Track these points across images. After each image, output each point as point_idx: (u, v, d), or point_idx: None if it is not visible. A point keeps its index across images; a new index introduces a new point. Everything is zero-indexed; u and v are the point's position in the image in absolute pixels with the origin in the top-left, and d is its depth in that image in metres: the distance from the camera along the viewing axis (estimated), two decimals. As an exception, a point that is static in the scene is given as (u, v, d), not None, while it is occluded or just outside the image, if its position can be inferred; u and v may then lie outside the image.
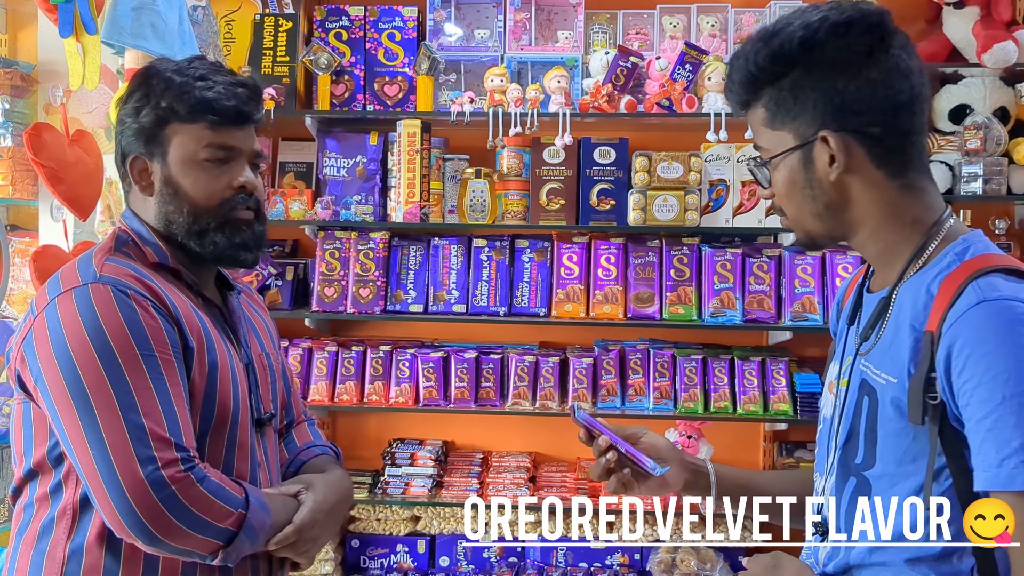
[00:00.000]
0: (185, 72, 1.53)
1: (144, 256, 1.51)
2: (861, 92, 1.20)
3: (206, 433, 1.47)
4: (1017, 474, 1.05)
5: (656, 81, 2.98)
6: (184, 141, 1.51)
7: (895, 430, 1.20)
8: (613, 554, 3.19)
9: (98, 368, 1.36)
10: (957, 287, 1.14)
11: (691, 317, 3.03)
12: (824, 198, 1.25)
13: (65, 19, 2.26)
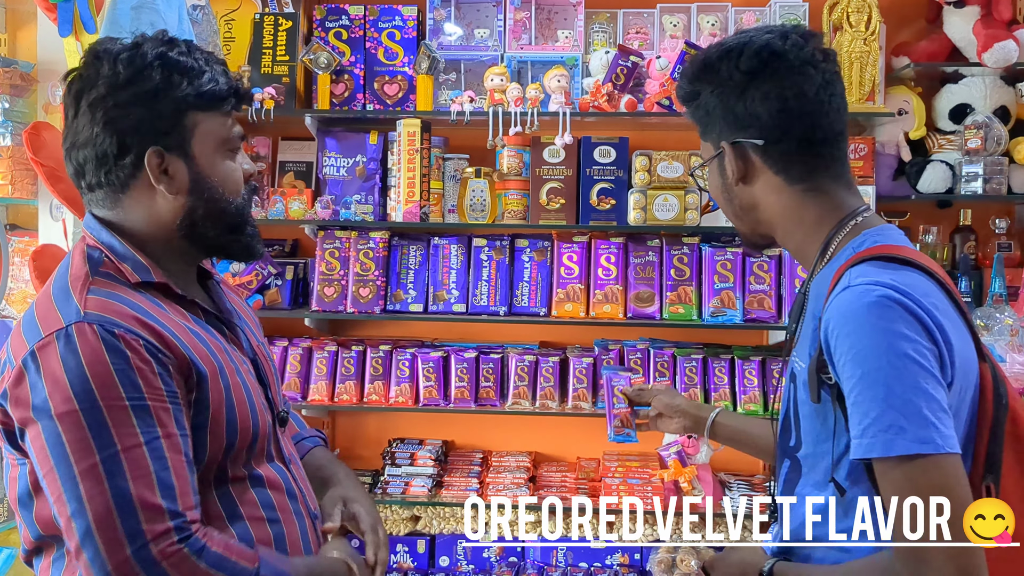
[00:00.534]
0: (192, 55, 1.38)
1: (124, 275, 1.34)
2: (750, 108, 1.34)
3: (231, 451, 1.36)
4: (876, 443, 1.15)
5: (656, 80, 2.98)
6: (210, 130, 1.39)
7: (809, 412, 1.30)
8: (613, 554, 3.19)
9: (83, 429, 1.21)
10: (839, 276, 1.27)
11: (691, 317, 3.02)
12: (737, 201, 1.43)
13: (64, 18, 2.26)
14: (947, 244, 3.15)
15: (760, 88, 1.34)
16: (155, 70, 1.34)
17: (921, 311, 1.18)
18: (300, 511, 1.47)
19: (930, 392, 1.15)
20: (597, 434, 3.33)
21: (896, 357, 1.16)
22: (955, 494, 1.13)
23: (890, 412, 1.14)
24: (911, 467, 1.13)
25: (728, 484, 3.10)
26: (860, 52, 2.91)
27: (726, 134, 1.39)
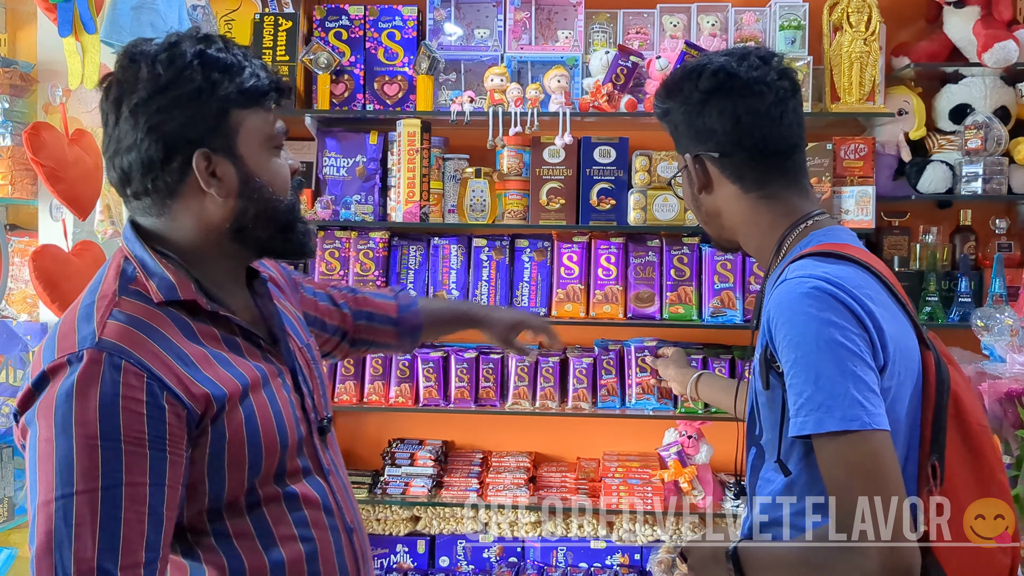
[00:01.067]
0: (231, 51, 1.34)
1: (150, 293, 1.30)
2: (708, 123, 1.47)
3: (256, 474, 1.33)
4: (808, 421, 1.24)
5: (656, 80, 2.98)
6: (255, 128, 1.34)
7: (764, 400, 1.39)
8: (613, 554, 3.19)
9: (50, 463, 1.17)
10: (782, 272, 1.38)
11: (691, 317, 3.02)
12: (703, 208, 1.56)
13: (64, 18, 2.25)
14: (947, 244, 3.15)
15: (716, 106, 1.46)
16: (195, 70, 1.28)
17: (851, 300, 1.28)
18: (336, 526, 1.44)
19: (858, 374, 1.24)
20: (597, 434, 3.34)
21: (825, 343, 1.25)
22: (882, 465, 1.21)
23: (820, 393, 1.24)
24: (841, 442, 1.22)
25: (728, 484, 3.10)
26: (860, 52, 2.91)
27: (690, 147, 1.52)
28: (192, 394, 1.24)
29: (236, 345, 1.36)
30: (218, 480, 1.29)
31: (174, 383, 1.23)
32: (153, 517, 1.19)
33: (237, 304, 1.42)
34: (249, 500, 1.33)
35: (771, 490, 1.40)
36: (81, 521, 1.15)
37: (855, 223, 2.88)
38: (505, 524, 3.18)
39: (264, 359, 1.39)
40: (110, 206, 2.52)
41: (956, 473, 1.31)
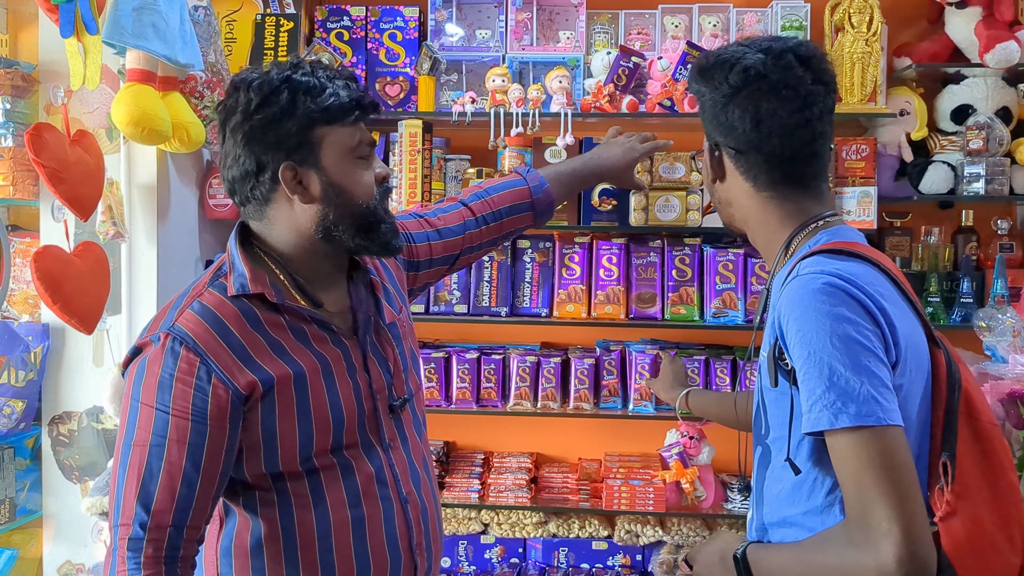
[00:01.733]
0: (315, 74, 1.54)
1: (229, 287, 1.52)
2: (730, 118, 1.45)
3: (310, 447, 1.52)
4: (822, 417, 1.23)
5: (658, 81, 2.98)
6: (337, 141, 1.54)
7: (772, 398, 1.39)
8: (615, 555, 3.19)
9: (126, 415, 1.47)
10: (792, 269, 1.38)
11: (693, 317, 3.02)
12: (716, 195, 1.57)
13: (66, 19, 2.25)
14: (949, 245, 3.15)
15: (741, 104, 1.44)
16: (281, 93, 1.49)
17: (864, 296, 1.27)
18: (388, 496, 1.59)
19: (871, 369, 1.23)
20: (599, 435, 3.34)
21: (838, 338, 1.25)
22: (897, 461, 1.20)
23: (834, 389, 1.23)
24: (855, 438, 1.21)
25: (730, 485, 3.10)
26: (862, 53, 2.91)
27: (711, 134, 1.51)
28: (239, 377, 1.46)
29: (303, 333, 1.55)
30: (272, 448, 1.50)
31: (223, 368, 1.46)
32: (187, 477, 1.43)
33: (330, 297, 1.61)
34: (306, 468, 1.52)
35: (780, 489, 1.39)
36: (131, 466, 1.43)
37: (857, 224, 2.88)
38: (507, 525, 3.18)
39: (335, 343, 1.58)
40: (111, 207, 2.52)
41: (967, 471, 1.30)
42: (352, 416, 1.57)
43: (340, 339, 1.59)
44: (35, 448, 2.72)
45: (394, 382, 1.66)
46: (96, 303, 2.44)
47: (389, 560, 1.58)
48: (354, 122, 1.56)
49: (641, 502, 3.00)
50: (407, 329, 1.76)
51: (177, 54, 2.45)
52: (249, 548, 1.54)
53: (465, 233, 2.00)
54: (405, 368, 1.70)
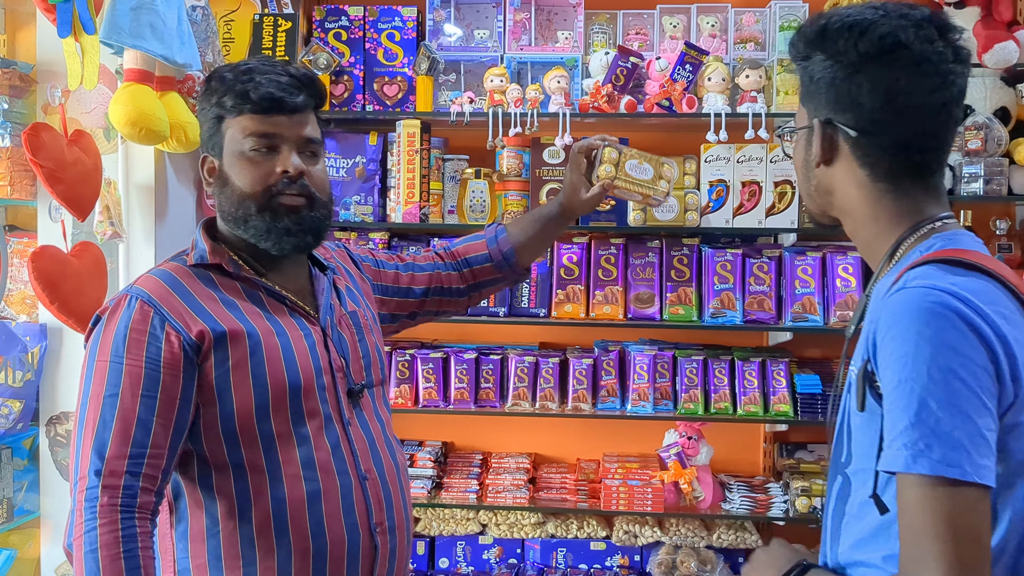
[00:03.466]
0: (237, 69, 1.62)
1: (189, 259, 1.64)
2: (854, 92, 1.25)
3: (266, 407, 1.56)
4: (899, 456, 1.07)
5: (656, 81, 2.97)
6: (233, 134, 1.61)
7: (859, 423, 1.21)
8: (613, 555, 3.18)
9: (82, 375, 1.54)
10: (899, 277, 1.19)
11: (691, 318, 3.02)
12: (814, 180, 1.35)
13: (63, 19, 2.25)
14: (947, 245, 3.14)
15: (871, 75, 1.24)
16: (210, 87, 1.64)
17: (981, 321, 1.09)
18: (347, 470, 1.62)
19: (970, 414, 1.06)
20: (597, 435, 3.33)
21: (939, 370, 1.07)
22: (970, 530, 1.04)
23: (920, 427, 1.06)
24: (929, 489, 1.05)
25: (728, 485, 3.10)
26: (860, 53, 2.91)
27: (822, 110, 1.30)
28: (190, 325, 1.54)
29: (259, 299, 1.64)
30: (226, 402, 1.55)
31: (175, 316, 1.53)
32: (141, 421, 1.48)
33: (286, 281, 1.69)
34: (262, 431, 1.56)
35: (861, 528, 1.22)
36: (87, 422, 1.48)
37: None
38: (505, 525, 3.18)
39: (290, 316, 1.65)
40: (109, 207, 2.51)
41: None
42: (310, 380, 1.61)
43: (298, 314, 1.67)
44: (32, 448, 2.71)
45: (351, 365, 1.70)
46: (94, 303, 2.43)
47: (347, 538, 1.59)
48: (255, 115, 1.60)
49: (639, 502, 3.00)
50: (370, 324, 1.81)
51: (175, 54, 2.45)
52: (205, 529, 1.57)
53: (434, 271, 2.06)
54: (366, 356, 1.75)
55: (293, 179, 1.60)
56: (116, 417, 1.47)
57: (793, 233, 3.05)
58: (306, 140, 1.64)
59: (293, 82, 1.62)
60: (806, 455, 3.24)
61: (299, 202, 1.62)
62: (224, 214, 1.64)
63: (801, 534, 3.15)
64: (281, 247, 1.63)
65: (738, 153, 3.00)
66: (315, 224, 1.65)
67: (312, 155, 1.66)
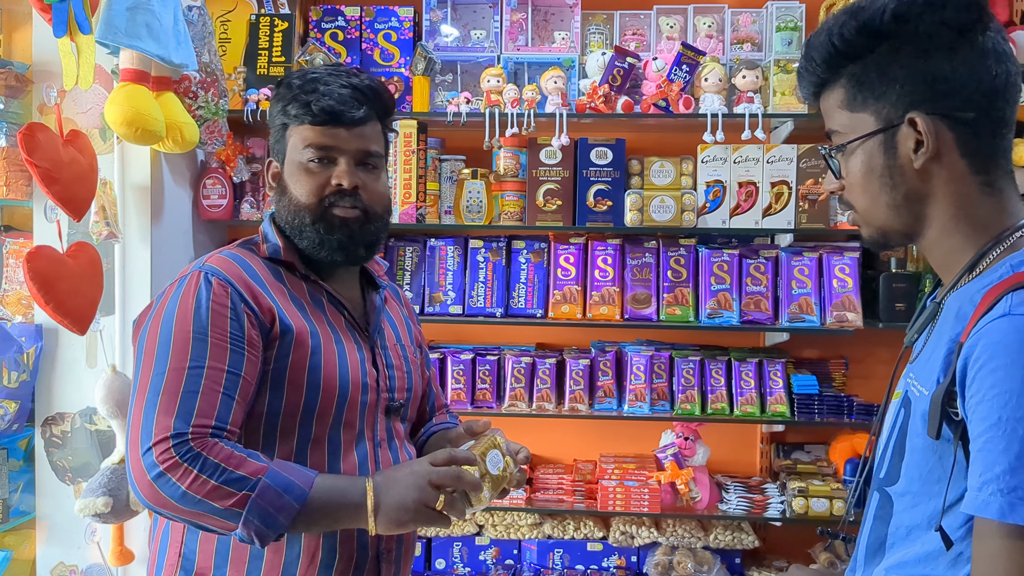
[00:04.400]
0: (305, 76, 1.63)
1: (259, 250, 1.63)
2: (956, 72, 1.12)
3: (312, 411, 1.55)
4: (992, 501, 0.99)
5: (653, 82, 2.97)
6: (294, 143, 1.62)
7: (922, 446, 1.12)
8: (610, 556, 3.18)
9: (153, 350, 1.48)
10: (995, 298, 1.06)
11: (688, 318, 3.02)
12: (904, 187, 1.17)
13: (59, 19, 2.24)
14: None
15: (972, 48, 1.11)
16: (278, 94, 1.65)
17: None
18: None
19: None
20: (594, 436, 3.33)
21: None
22: None
23: (1020, 473, 0.98)
24: (1019, 542, 0.98)
25: (725, 486, 3.10)
26: (857, 53, 2.91)
27: (916, 102, 1.14)
28: (264, 311, 1.53)
29: (321, 304, 1.64)
30: (277, 398, 1.54)
31: (251, 298, 1.52)
32: (226, 397, 1.46)
33: (341, 287, 1.68)
34: (302, 433, 1.55)
35: (907, 553, 1.15)
36: (168, 390, 1.44)
37: (851, 225, 2.88)
38: (501, 526, 3.17)
39: (347, 328, 1.65)
40: (105, 207, 2.51)
41: None
42: (356, 393, 1.60)
43: (352, 327, 1.66)
44: (28, 449, 2.71)
45: (396, 392, 1.70)
46: (89, 304, 2.43)
47: (356, 556, 1.57)
48: (316, 126, 1.60)
49: (636, 503, 3.00)
50: (416, 365, 1.80)
51: (171, 54, 2.45)
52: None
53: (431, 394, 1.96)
54: (410, 390, 1.74)
55: (348, 192, 1.60)
56: (203, 390, 1.45)
57: (790, 234, 3.05)
58: (365, 153, 1.63)
59: (355, 94, 1.61)
60: (803, 456, 3.24)
61: (353, 214, 1.61)
62: (282, 221, 1.64)
63: (797, 535, 3.15)
64: (333, 259, 1.63)
65: (735, 154, 3.00)
66: (368, 237, 1.64)
67: (371, 168, 1.65)
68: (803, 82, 1.26)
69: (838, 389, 3.11)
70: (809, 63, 1.22)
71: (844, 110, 1.20)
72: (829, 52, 1.18)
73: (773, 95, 2.96)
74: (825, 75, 1.21)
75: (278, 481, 1.42)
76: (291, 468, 1.46)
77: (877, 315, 2.95)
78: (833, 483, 2.99)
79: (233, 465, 1.41)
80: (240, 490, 1.40)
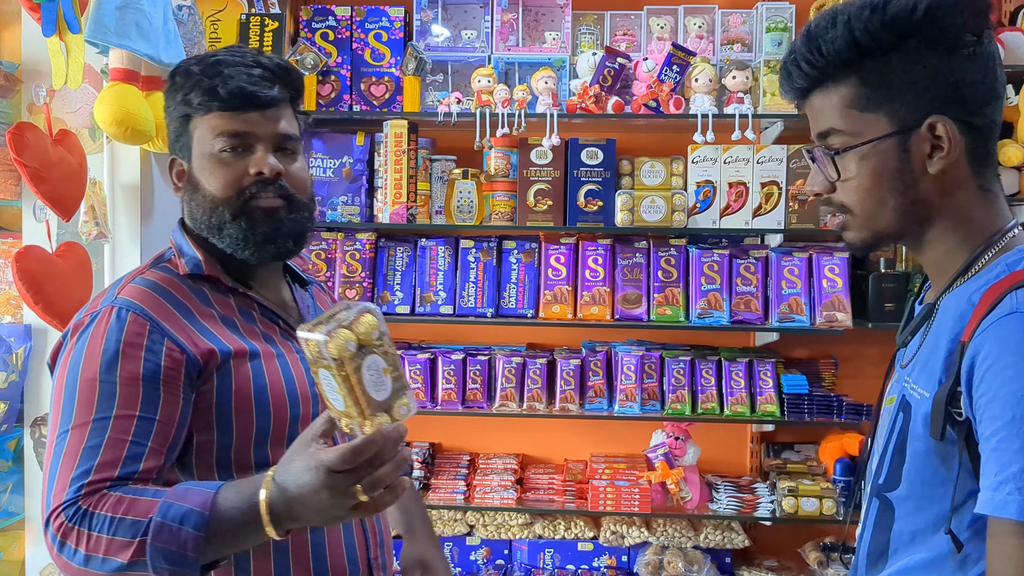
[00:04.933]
0: (204, 62, 1.46)
1: (177, 268, 1.48)
2: (974, 76, 1.10)
3: (266, 436, 1.42)
4: (1011, 500, 0.98)
5: (643, 82, 2.98)
6: (201, 134, 1.46)
7: (924, 449, 1.12)
8: (600, 556, 3.18)
9: (59, 404, 1.35)
10: (996, 297, 1.06)
11: (678, 318, 3.02)
12: (913, 193, 1.14)
13: (48, 18, 2.24)
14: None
15: (985, 51, 1.10)
16: (173, 83, 1.49)
17: None
18: None
19: None
20: (584, 436, 3.33)
21: None
22: None
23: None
24: None
25: (715, 485, 3.10)
26: (846, 54, 2.92)
27: (938, 106, 1.11)
28: (195, 344, 1.39)
29: (253, 318, 1.50)
30: (226, 430, 1.41)
31: (177, 332, 1.38)
32: (135, 445, 1.31)
33: (269, 292, 1.56)
34: (259, 460, 1.42)
35: (912, 559, 1.15)
36: (68, 452, 1.30)
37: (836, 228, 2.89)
38: (492, 526, 3.17)
39: (283, 337, 1.52)
40: (94, 207, 2.50)
41: None
42: (307, 404, 1.47)
43: (289, 335, 1.52)
44: (17, 450, 2.70)
45: None
46: (78, 304, 2.41)
47: (348, 570, 1.50)
48: (224, 112, 1.44)
49: (627, 503, 3.00)
50: None
51: (160, 53, 2.44)
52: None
53: None
54: None
55: (269, 180, 1.45)
56: (106, 443, 1.30)
57: (780, 234, 3.06)
58: (282, 137, 1.49)
59: (266, 74, 1.46)
60: (793, 455, 3.25)
61: (277, 204, 1.46)
62: (196, 221, 1.48)
63: (787, 534, 3.16)
64: (261, 256, 1.48)
65: (725, 154, 3.01)
66: (296, 228, 1.49)
67: (290, 153, 1.51)
68: (795, 77, 1.18)
69: (828, 389, 3.12)
70: (812, 56, 1.14)
71: (852, 109, 1.14)
72: (846, 45, 1.11)
73: (763, 95, 2.97)
74: (831, 70, 1.14)
75: (171, 514, 1.23)
76: (188, 492, 1.26)
77: (867, 315, 2.96)
78: (823, 482, 3.00)
79: (122, 511, 1.25)
80: (134, 537, 1.23)
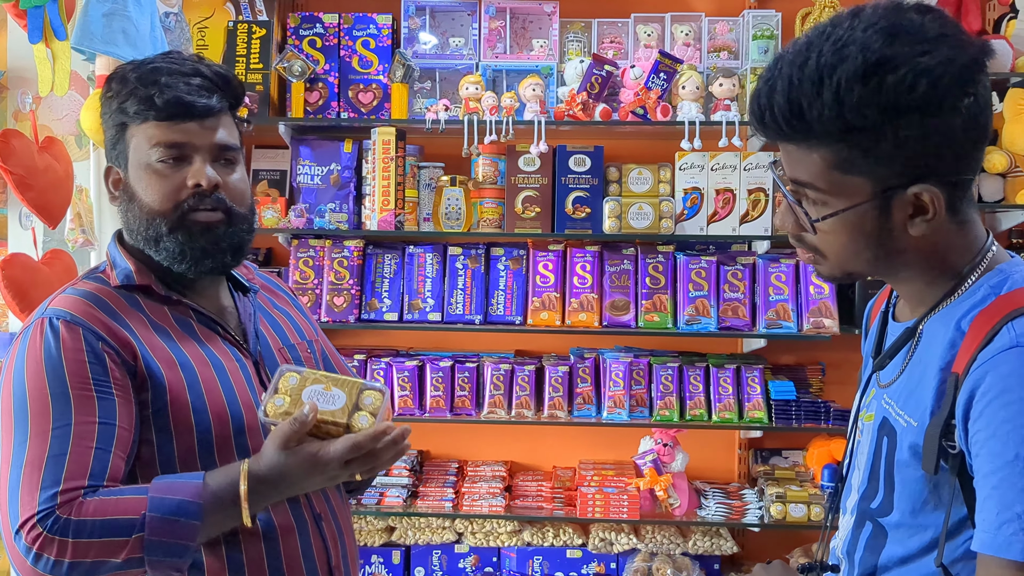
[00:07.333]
0: (141, 68, 1.42)
1: (112, 279, 1.45)
2: (969, 135, 1.06)
3: (210, 447, 1.39)
4: (1015, 541, 0.96)
5: (631, 89, 2.99)
6: (138, 143, 1.42)
7: (912, 477, 1.11)
8: (589, 563, 3.18)
9: (9, 420, 1.32)
10: (991, 326, 1.04)
11: (666, 325, 3.03)
12: (890, 246, 1.11)
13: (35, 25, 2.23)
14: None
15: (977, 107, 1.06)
16: (109, 89, 1.45)
17: None
18: (300, 512, 1.47)
19: None
20: (573, 443, 3.33)
21: None
22: None
23: None
24: None
25: (704, 492, 3.10)
26: (832, 62, 2.93)
27: (923, 174, 1.06)
28: (123, 346, 1.36)
29: (190, 327, 1.47)
30: (166, 438, 1.38)
31: (107, 335, 1.35)
32: (100, 451, 1.30)
33: (207, 301, 1.52)
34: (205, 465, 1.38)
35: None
36: (31, 461, 1.28)
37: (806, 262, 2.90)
38: (481, 534, 3.17)
39: (224, 346, 1.48)
40: (80, 215, 2.50)
41: None
42: (252, 412, 1.44)
43: (230, 343, 1.49)
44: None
45: None
46: (64, 312, 2.41)
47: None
48: (161, 121, 1.40)
49: (615, 510, 3.00)
50: (314, 362, 1.63)
51: (147, 60, 2.43)
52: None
53: None
54: None
55: (207, 193, 1.42)
56: (71, 452, 1.28)
57: (767, 240, 3.07)
58: (221, 147, 1.45)
59: (204, 83, 1.43)
60: (780, 461, 3.26)
61: (215, 218, 1.43)
62: (132, 233, 1.45)
63: (775, 540, 3.17)
64: (199, 270, 1.45)
65: (712, 161, 3.02)
66: (235, 241, 1.46)
67: (229, 163, 1.47)
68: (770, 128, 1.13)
69: (815, 395, 3.13)
70: (793, 120, 1.08)
71: (833, 170, 1.09)
72: (834, 117, 1.05)
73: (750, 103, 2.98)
74: (814, 135, 1.08)
75: (165, 508, 1.26)
76: (173, 485, 1.30)
77: (853, 321, 2.97)
78: (811, 488, 3.01)
79: (109, 513, 1.26)
80: (129, 535, 1.25)
